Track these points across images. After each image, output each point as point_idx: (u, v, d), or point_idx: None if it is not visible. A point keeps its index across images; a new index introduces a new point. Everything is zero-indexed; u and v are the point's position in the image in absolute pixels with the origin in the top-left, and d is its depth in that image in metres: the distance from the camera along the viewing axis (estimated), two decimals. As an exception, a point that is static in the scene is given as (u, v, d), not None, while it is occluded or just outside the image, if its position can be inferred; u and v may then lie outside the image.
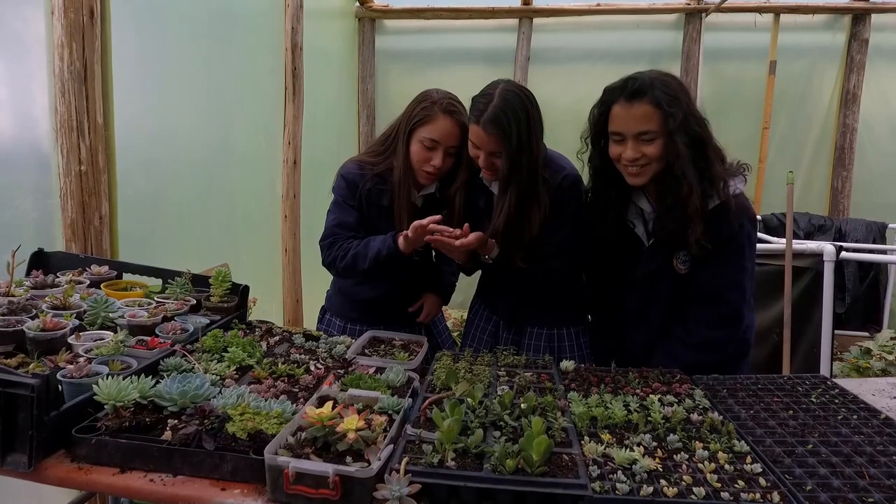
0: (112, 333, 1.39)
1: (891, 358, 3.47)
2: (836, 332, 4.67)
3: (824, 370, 2.77)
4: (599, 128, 1.63)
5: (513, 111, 1.61)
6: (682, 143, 1.47)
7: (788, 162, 5.30)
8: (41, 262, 1.75)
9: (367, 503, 0.95)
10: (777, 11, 5.04)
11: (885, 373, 3.45)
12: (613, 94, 1.56)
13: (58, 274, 1.72)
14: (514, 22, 5.33)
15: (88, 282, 1.70)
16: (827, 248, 2.77)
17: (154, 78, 2.41)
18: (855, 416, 1.25)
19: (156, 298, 1.67)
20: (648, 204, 1.66)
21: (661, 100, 1.48)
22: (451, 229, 1.63)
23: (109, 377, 1.14)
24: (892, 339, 3.74)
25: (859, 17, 5.02)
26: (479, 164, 1.71)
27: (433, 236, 1.64)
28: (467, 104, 1.76)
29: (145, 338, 1.41)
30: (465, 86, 6.23)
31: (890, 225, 4.87)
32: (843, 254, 2.91)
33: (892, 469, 1.03)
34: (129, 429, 1.08)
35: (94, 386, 1.09)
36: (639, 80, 1.52)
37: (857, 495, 0.94)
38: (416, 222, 1.66)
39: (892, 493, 0.95)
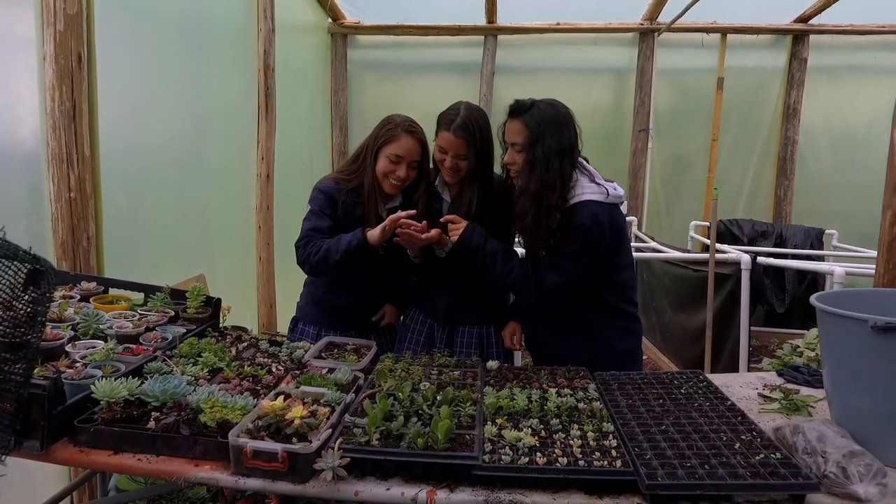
0: (103, 342, 1.64)
1: (812, 354, 3.82)
2: (777, 330, 5.07)
3: (742, 366, 3.11)
4: (502, 138, 2.03)
5: (476, 121, 2.02)
6: (535, 157, 1.86)
7: (737, 172, 5.70)
8: (36, 278, 2.00)
9: (308, 473, 1.24)
10: (724, 32, 5.42)
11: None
12: (508, 112, 1.96)
13: (52, 289, 1.97)
14: (479, 38, 5.64)
15: (79, 297, 1.96)
16: (744, 257, 3.11)
17: (134, 104, 2.65)
18: (707, 404, 1.56)
19: (139, 311, 1.92)
20: None
21: (528, 121, 1.86)
22: (420, 224, 1.96)
23: (103, 379, 1.40)
24: (817, 337, 4.10)
25: (799, 38, 5.43)
26: (445, 167, 2.06)
27: (403, 230, 1.94)
28: (435, 113, 2.11)
29: (131, 346, 1.67)
30: (435, 96, 6.55)
31: (826, 231, 5.27)
32: (760, 260, 3.25)
33: (715, 442, 1.33)
34: (120, 420, 1.34)
35: (91, 386, 1.36)
36: (520, 103, 1.90)
37: (680, 461, 1.25)
38: (393, 215, 1.97)
39: (705, 459, 1.25)
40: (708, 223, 5.41)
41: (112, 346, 1.61)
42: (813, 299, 1.45)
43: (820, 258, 5.02)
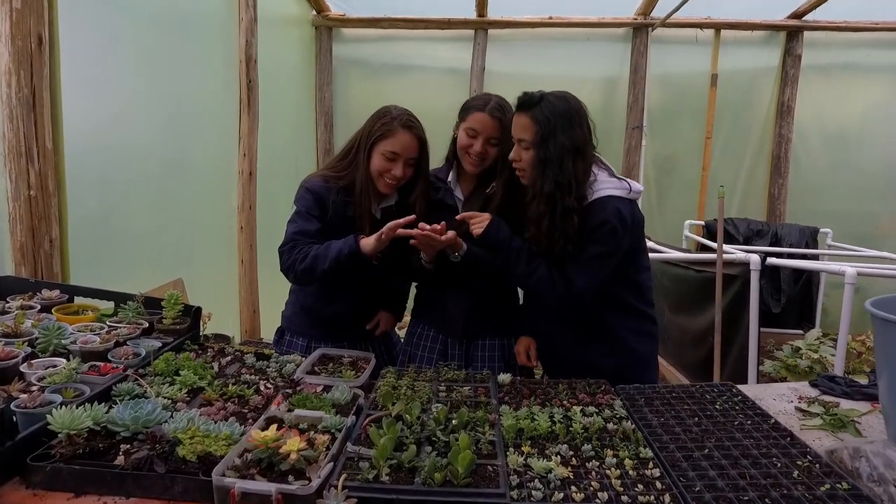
0: (65, 360, 1.44)
1: (815, 356, 3.73)
2: (773, 330, 4.99)
3: (751, 372, 2.99)
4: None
5: (509, 107, 1.89)
6: (547, 155, 1.72)
7: (730, 170, 5.60)
8: (-9, 286, 1.78)
9: (307, 518, 1.05)
10: (718, 27, 5.32)
11: (810, 370, 3.72)
12: (515, 105, 1.82)
13: (8, 299, 1.76)
14: (469, 32, 5.46)
15: (39, 306, 1.75)
16: (753, 258, 2.98)
17: (104, 95, 2.43)
18: (749, 422, 1.41)
19: (108, 323, 1.72)
20: None
21: (537, 116, 1.73)
22: (438, 226, 1.78)
23: (62, 406, 1.20)
24: (818, 338, 4.02)
25: (793, 35, 5.35)
26: (471, 153, 1.91)
27: (421, 232, 1.76)
28: (425, 110, 1.97)
29: (98, 363, 1.47)
30: (424, 92, 6.30)
31: (821, 229, 5.21)
32: (770, 260, 3.14)
33: (770, 470, 1.18)
34: (83, 455, 1.14)
35: (47, 416, 1.15)
36: (528, 96, 1.77)
37: (735, 495, 1.09)
38: (392, 223, 1.77)
39: (764, 491, 1.10)
40: (703, 222, 5.35)
41: (75, 364, 1.41)
42: (869, 306, 1.30)
43: (815, 257, 4.95)
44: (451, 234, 1.80)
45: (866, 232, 5.47)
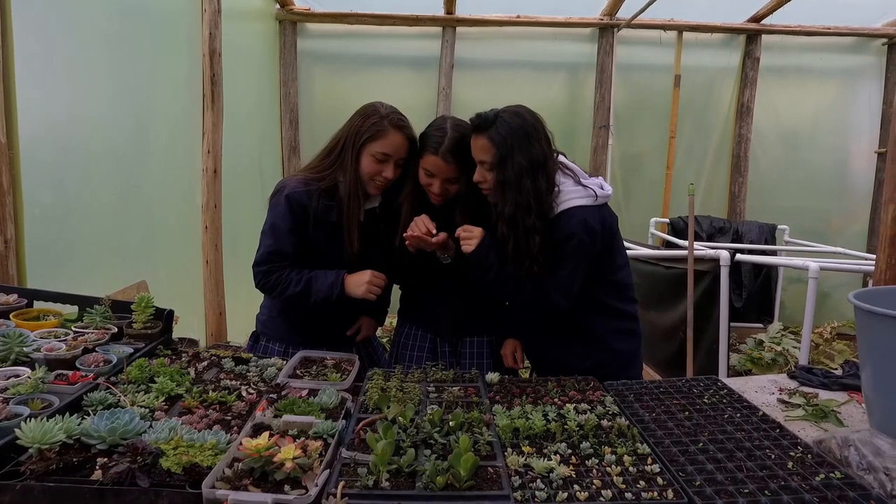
0: (28, 369, 1.34)
1: (778, 349, 3.86)
2: (735, 324, 5.13)
3: (722, 364, 3.06)
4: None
5: (466, 141, 1.80)
6: (506, 177, 1.71)
7: (693, 169, 5.75)
8: (-60, 291, 1.65)
9: (305, 529, 1.00)
10: (680, 29, 5.44)
11: (774, 362, 3.85)
12: (472, 127, 1.79)
13: (-40, 304, 1.63)
14: (437, 30, 5.43)
15: (-4, 312, 1.63)
16: (723, 254, 3.06)
17: (61, 87, 2.29)
18: (738, 415, 1.43)
19: (73, 328, 1.61)
20: None
21: (494, 137, 1.71)
22: (430, 229, 1.78)
23: (31, 419, 1.11)
24: (779, 331, 4.17)
25: (752, 38, 5.53)
26: (432, 192, 1.85)
27: (413, 234, 1.76)
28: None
29: (66, 372, 1.37)
30: (391, 90, 6.20)
31: (779, 226, 5.40)
32: (738, 256, 3.22)
33: (765, 462, 1.20)
34: (56, 471, 1.06)
35: (16, 430, 1.07)
36: (483, 117, 1.74)
37: (735, 487, 1.10)
38: (376, 274, 1.82)
39: (763, 483, 1.11)
40: (668, 220, 5.47)
41: (41, 373, 1.31)
42: (852, 298, 1.33)
43: (774, 253, 5.12)
44: (442, 235, 1.78)
45: (819, 228, 5.71)
